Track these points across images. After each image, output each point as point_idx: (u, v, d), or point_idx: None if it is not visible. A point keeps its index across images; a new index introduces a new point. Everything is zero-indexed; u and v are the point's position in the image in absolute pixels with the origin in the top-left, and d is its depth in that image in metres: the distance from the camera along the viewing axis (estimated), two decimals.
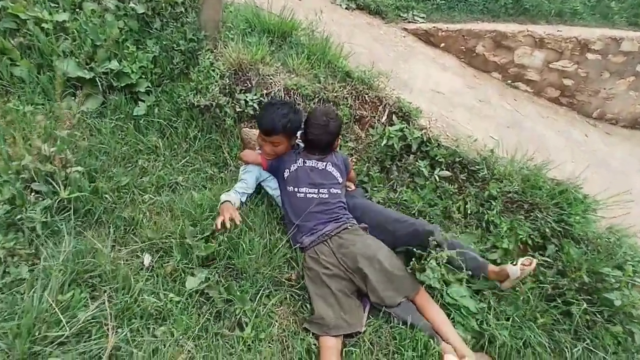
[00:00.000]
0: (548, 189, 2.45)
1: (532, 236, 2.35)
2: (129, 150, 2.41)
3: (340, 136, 2.33)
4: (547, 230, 2.34)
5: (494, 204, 2.45)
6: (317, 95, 2.67)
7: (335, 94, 2.69)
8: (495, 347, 1.97)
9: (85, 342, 1.52)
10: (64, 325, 1.49)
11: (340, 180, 2.21)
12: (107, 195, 2.06)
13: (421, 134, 2.60)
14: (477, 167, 2.53)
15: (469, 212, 2.47)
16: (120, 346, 1.55)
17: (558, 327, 2.09)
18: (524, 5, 5.30)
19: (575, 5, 5.45)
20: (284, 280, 2.01)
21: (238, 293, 1.83)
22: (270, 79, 2.66)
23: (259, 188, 2.38)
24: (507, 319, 2.04)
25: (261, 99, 2.61)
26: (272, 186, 2.35)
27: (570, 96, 5.11)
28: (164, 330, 1.67)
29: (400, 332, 1.89)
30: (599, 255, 2.24)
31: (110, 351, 1.51)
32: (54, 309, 1.51)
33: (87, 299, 1.64)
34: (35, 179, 1.87)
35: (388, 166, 2.65)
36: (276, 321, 1.87)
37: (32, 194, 1.85)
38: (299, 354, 1.78)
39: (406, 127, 2.61)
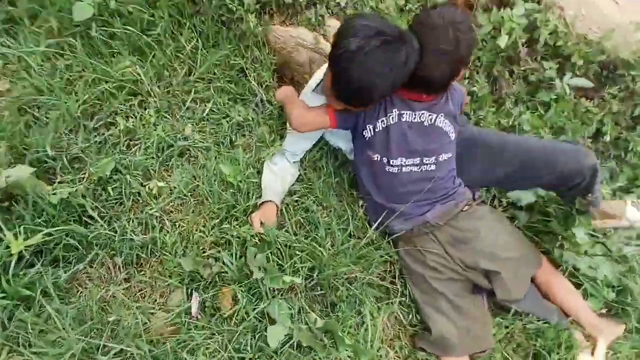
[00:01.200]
0: None
1: None
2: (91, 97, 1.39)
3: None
4: None
5: None
6: None
7: None
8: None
9: None
10: None
11: (454, 135, 1.37)
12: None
13: (557, 21, 1.64)
14: (628, 71, 1.69)
15: (607, 137, 1.76)
16: None
17: None
18: None
19: None
20: (387, 286, 1.40)
21: (340, 334, 1.22)
22: None
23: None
24: None
25: None
26: (343, 146, 1.50)
27: None
28: None
29: (538, 332, 1.43)
30: None
31: None
32: None
33: None
34: None
35: (497, 74, 1.76)
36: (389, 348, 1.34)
37: None
38: None
39: (538, 10, 1.62)
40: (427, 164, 1.33)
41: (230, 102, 1.54)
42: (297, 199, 1.44)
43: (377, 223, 1.36)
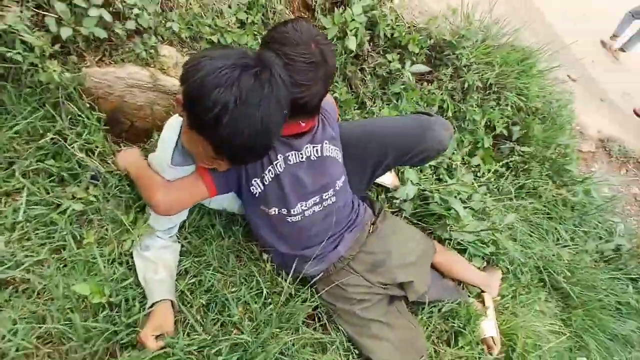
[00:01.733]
0: (514, 61, 2.09)
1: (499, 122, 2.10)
2: None
3: None
4: (510, 109, 2.10)
5: (474, 96, 1.99)
6: None
7: None
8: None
9: None
10: None
11: (340, 155, 1.26)
12: None
13: (391, 14, 1.68)
14: (452, 52, 1.89)
15: (449, 113, 1.96)
16: None
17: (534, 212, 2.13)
18: None
19: None
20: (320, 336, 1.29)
21: None
22: None
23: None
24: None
25: None
26: (228, 206, 1.28)
27: None
28: None
29: (452, 313, 1.56)
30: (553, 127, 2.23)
31: None
32: None
33: None
34: None
35: (350, 74, 1.73)
36: None
37: None
38: None
39: (373, 6, 1.62)
40: (327, 199, 1.22)
41: (56, 185, 1.11)
42: (191, 280, 1.17)
43: (290, 276, 1.21)
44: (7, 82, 1.07)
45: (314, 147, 1.16)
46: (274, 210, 1.15)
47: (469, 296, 1.61)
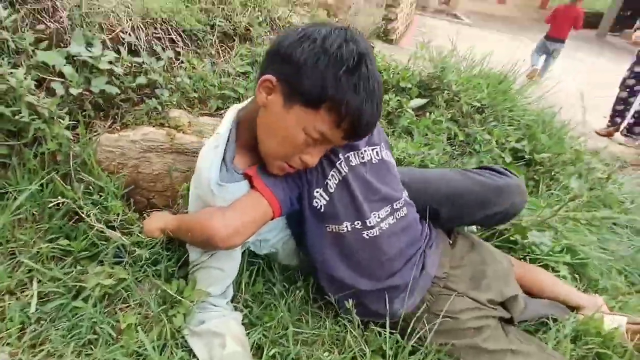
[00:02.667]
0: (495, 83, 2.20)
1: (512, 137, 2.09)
2: None
3: None
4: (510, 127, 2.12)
5: (475, 118, 2.00)
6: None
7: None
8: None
9: None
10: None
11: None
12: None
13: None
14: (440, 82, 1.96)
15: (459, 137, 1.93)
16: None
17: None
18: None
19: None
20: None
21: None
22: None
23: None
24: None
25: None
26: (274, 236, 1.04)
27: (334, 15, 5.13)
28: None
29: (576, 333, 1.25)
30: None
31: None
32: None
33: None
34: None
35: None
36: None
37: None
38: None
39: None
40: (398, 209, 1.01)
41: (75, 262, 0.87)
42: (271, 352, 0.86)
43: (387, 321, 0.93)
44: (12, 156, 0.90)
45: (372, 148, 0.98)
46: (347, 226, 0.93)
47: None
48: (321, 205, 0.91)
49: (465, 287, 1.02)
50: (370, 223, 0.94)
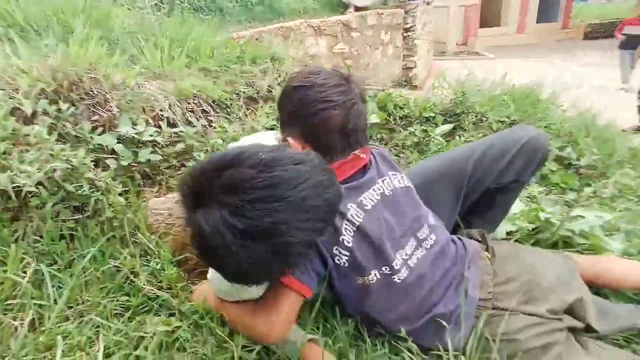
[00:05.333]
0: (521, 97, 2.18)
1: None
2: None
3: None
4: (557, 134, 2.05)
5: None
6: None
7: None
8: None
9: None
10: None
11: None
12: None
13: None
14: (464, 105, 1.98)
15: None
16: None
17: None
18: (278, 9, 5.32)
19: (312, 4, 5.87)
20: None
21: None
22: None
23: None
24: None
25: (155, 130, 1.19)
26: None
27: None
28: None
29: None
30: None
31: None
32: None
33: None
34: None
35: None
36: None
37: None
38: None
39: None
40: (424, 238, 0.97)
41: (134, 315, 0.93)
42: None
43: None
44: (78, 228, 1.03)
45: (383, 180, 0.96)
46: (375, 275, 0.89)
47: None
48: (344, 262, 0.89)
49: (517, 303, 0.92)
50: (397, 266, 0.90)
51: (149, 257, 1.05)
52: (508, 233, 1.39)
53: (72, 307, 0.94)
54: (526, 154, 1.09)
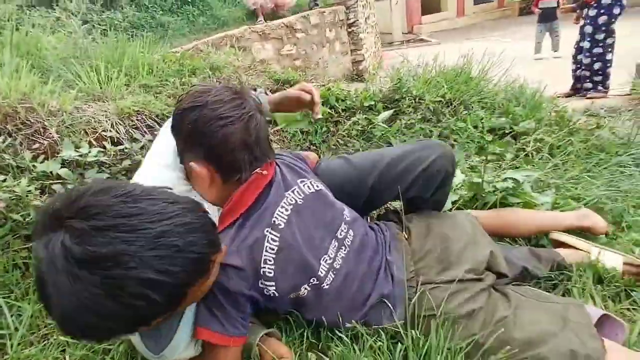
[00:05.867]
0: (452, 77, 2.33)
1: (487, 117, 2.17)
2: None
3: None
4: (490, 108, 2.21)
5: (445, 112, 2.11)
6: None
7: None
8: None
9: None
10: None
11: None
12: None
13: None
14: (400, 91, 2.10)
15: (435, 134, 2.03)
16: None
17: None
18: (221, 18, 5.33)
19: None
20: None
21: None
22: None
23: None
24: None
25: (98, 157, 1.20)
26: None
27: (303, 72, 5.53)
28: None
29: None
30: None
31: None
32: None
33: None
34: None
35: (331, 144, 1.84)
36: None
37: None
38: None
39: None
40: (343, 237, 0.96)
41: None
42: None
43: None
44: (31, 254, 1.04)
45: (292, 190, 0.94)
46: (305, 289, 0.89)
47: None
48: (272, 292, 0.86)
49: (436, 273, 0.96)
50: (322, 273, 0.90)
51: None
52: (453, 203, 1.51)
53: (34, 332, 0.96)
54: (428, 175, 1.07)
